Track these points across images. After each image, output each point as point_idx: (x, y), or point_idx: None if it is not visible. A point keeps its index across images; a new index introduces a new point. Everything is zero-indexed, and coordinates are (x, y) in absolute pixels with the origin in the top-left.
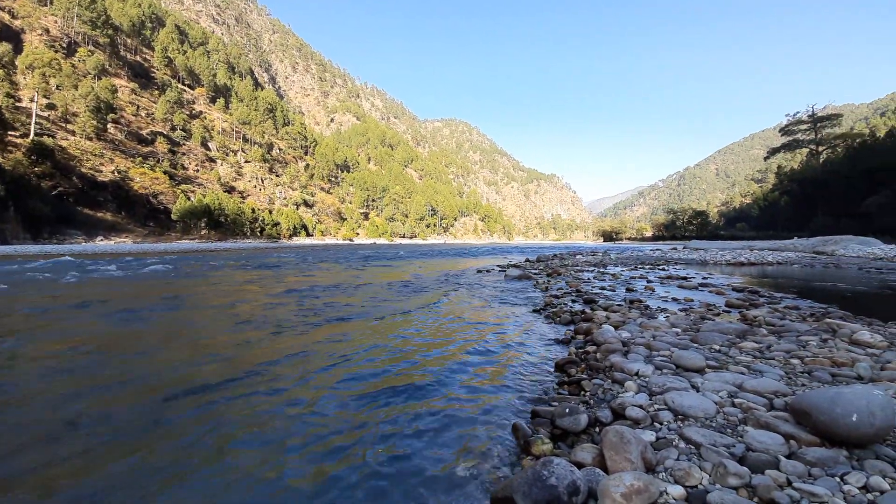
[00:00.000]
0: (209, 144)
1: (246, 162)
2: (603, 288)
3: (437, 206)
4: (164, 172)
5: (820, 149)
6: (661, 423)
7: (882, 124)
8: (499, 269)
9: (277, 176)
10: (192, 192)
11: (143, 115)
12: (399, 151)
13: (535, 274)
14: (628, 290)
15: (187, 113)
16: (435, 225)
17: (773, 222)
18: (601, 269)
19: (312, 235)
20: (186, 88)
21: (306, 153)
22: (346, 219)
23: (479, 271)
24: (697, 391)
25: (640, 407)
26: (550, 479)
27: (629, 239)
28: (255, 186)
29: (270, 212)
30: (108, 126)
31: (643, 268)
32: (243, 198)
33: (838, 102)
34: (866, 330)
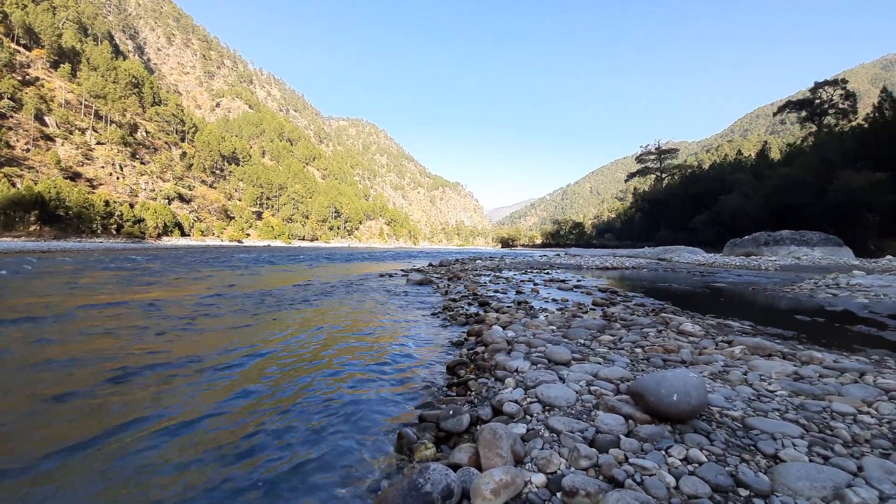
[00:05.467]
0: (46, 119)
1: (98, 143)
2: (497, 291)
3: (342, 207)
4: None
5: (663, 175)
6: (532, 416)
7: (707, 159)
8: (402, 273)
9: (143, 163)
10: (20, 176)
11: None
12: (300, 147)
13: (437, 278)
14: (518, 292)
15: (19, 78)
16: (339, 227)
17: (631, 233)
18: (497, 274)
19: (189, 235)
20: (21, 49)
21: (183, 139)
22: (233, 217)
23: (382, 276)
24: (563, 382)
25: (516, 402)
26: (426, 486)
27: (523, 245)
28: (111, 174)
29: (132, 206)
30: None
31: (532, 272)
32: (93, 187)
33: (676, 139)
34: (689, 322)
